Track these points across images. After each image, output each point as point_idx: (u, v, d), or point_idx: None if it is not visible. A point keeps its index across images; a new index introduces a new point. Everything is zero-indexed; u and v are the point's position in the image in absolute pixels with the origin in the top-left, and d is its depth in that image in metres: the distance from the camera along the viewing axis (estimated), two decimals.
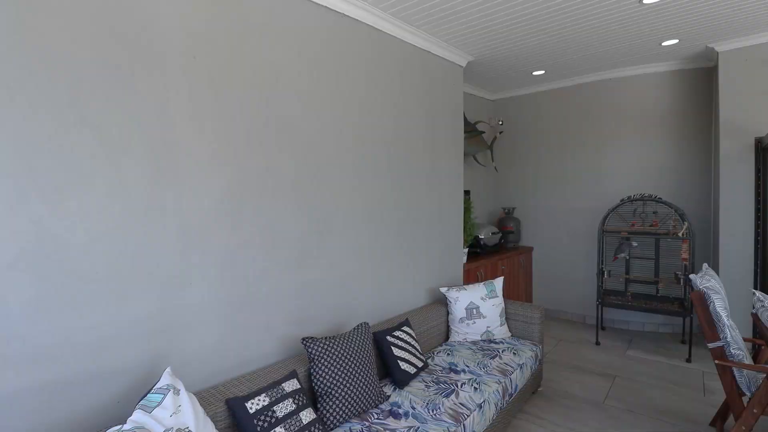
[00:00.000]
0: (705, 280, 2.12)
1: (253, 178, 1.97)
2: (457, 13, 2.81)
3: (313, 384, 1.84)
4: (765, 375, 1.91)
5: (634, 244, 3.73)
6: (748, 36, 3.45)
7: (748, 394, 2.02)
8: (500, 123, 5.12)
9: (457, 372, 2.32)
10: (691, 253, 3.51)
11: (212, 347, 1.81)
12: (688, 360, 3.38)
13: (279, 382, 1.66)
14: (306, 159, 2.23)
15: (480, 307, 2.88)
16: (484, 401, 2.05)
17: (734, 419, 2.02)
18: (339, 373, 1.85)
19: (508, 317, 2.99)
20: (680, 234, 3.50)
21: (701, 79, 4.09)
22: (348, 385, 1.84)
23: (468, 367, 2.38)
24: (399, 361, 2.22)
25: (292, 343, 2.17)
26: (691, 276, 2.17)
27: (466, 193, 4.41)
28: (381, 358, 2.28)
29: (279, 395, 1.59)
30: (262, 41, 2.01)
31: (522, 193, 5.02)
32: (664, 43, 3.62)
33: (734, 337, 2.04)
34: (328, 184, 2.36)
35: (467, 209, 3.79)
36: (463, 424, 1.84)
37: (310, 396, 1.90)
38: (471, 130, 4.37)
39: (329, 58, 2.37)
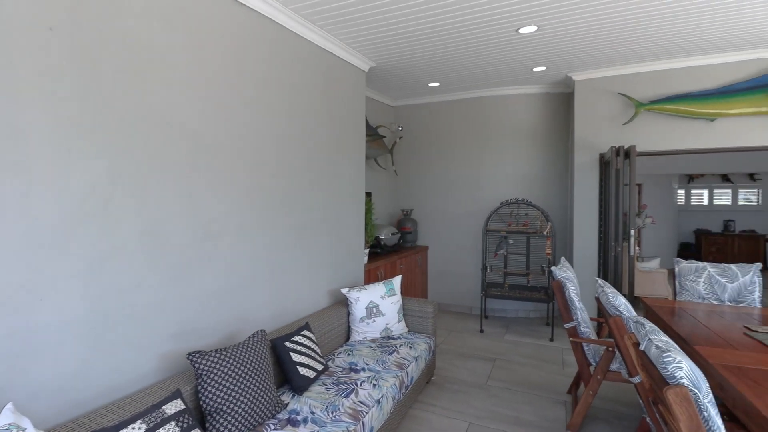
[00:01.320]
0: (562, 271, 2.52)
1: (127, 174, 1.72)
2: (355, 18, 2.85)
3: (201, 402, 1.68)
4: (605, 347, 2.35)
5: (511, 241, 4.25)
6: (597, 69, 4.20)
7: (593, 364, 2.46)
8: (400, 129, 5.36)
9: (357, 371, 2.35)
10: (553, 248, 4.14)
11: (72, 373, 1.53)
12: (551, 339, 3.99)
13: (159, 405, 1.47)
14: (195, 156, 2.03)
15: (380, 305, 2.97)
16: (382, 396, 2.11)
17: (584, 386, 2.43)
18: (231, 386, 1.72)
19: (405, 313, 3.14)
20: (545, 232, 4.10)
21: (562, 102, 4.86)
22: (241, 398, 1.73)
23: (368, 365, 2.44)
24: (298, 367, 2.17)
25: (177, 359, 1.95)
26: (553, 268, 2.57)
27: (368, 195, 4.52)
28: (280, 366, 2.20)
29: (159, 419, 1.42)
30: (141, 20, 1.77)
31: (419, 196, 5.33)
32: (534, 69, 4.20)
33: (583, 318, 2.46)
34: (221, 183, 2.18)
35: (368, 211, 3.88)
36: (362, 422, 1.88)
37: (198, 416, 1.73)
38: (372, 134, 4.49)
39: (223, 48, 2.19)
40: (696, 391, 1.08)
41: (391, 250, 4.41)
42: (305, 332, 2.39)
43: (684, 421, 1.07)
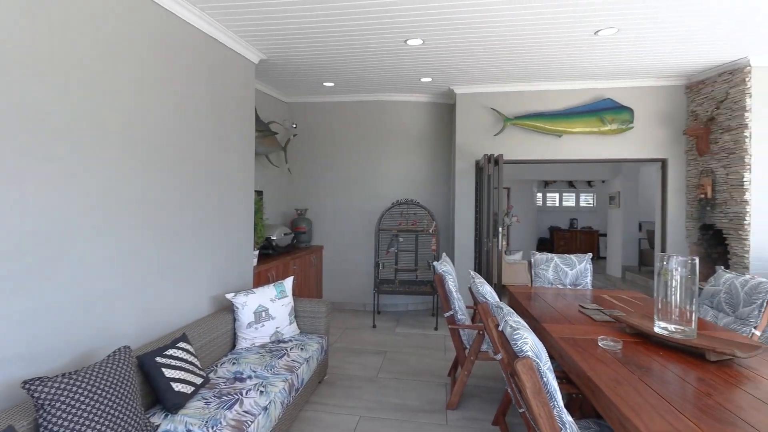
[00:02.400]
0: (443, 266, 2.76)
1: None
2: (245, 7, 2.70)
3: None
4: (477, 331, 2.64)
5: (401, 239, 4.50)
6: (474, 85, 4.69)
7: (468, 347, 2.75)
8: (294, 126, 5.23)
9: (242, 380, 2.23)
10: (438, 245, 4.50)
11: None
12: (436, 328, 4.34)
13: None
14: (44, 144, 1.67)
15: (269, 309, 2.86)
16: (270, 402, 2.04)
17: (461, 368, 2.70)
18: (83, 416, 1.47)
19: (297, 315, 3.08)
20: (431, 231, 4.44)
21: (447, 112, 5.31)
22: (97, 428, 1.49)
23: (255, 372, 2.33)
24: (172, 383, 1.96)
25: (11, 391, 1.59)
26: (434, 263, 2.80)
27: (259, 193, 4.31)
28: (150, 384, 1.95)
29: None
30: None
31: (314, 195, 5.28)
32: (422, 79, 4.51)
33: (460, 307, 2.73)
34: (74, 177, 1.84)
35: (258, 210, 3.70)
36: None
37: None
38: (264, 130, 4.29)
39: (89, 26, 1.85)
40: (538, 361, 1.29)
41: (284, 251, 4.28)
42: (182, 344, 2.17)
43: (529, 387, 1.28)
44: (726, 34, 3.21)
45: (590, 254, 3.46)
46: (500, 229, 4.00)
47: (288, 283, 3.05)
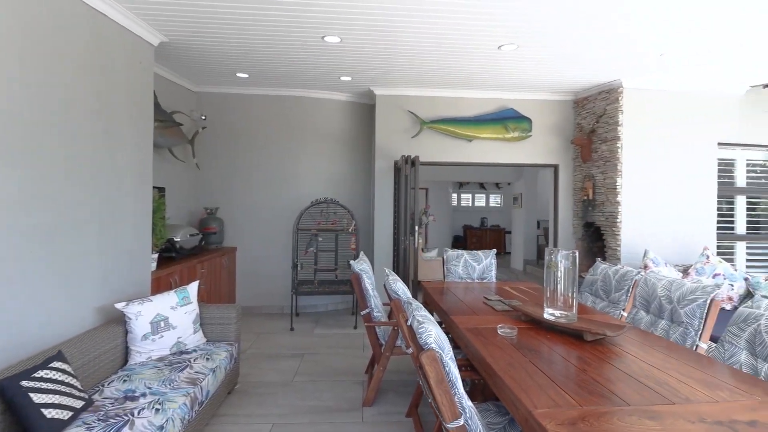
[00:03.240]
0: (359, 265, 2.77)
1: None
2: None
3: None
4: (392, 328, 2.70)
5: (320, 239, 4.43)
6: (393, 87, 4.79)
7: (383, 342, 2.80)
8: (203, 117, 4.84)
9: (134, 398, 1.99)
10: (357, 244, 4.52)
11: None
12: (355, 327, 4.36)
13: None
14: None
15: (169, 318, 2.60)
16: (167, 420, 1.85)
17: (374, 363, 2.74)
18: None
19: (203, 322, 2.85)
20: (350, 230, 4.44)
21: (367, 112, 5.36)
22: None
23: (150, 388, 2.09)
24: (44, 410, 1.67)
25: None
26: (351, 262, 2.80)
27: (160, 190, 3.90)
28: (14, 413, 1.64)
29: None
30: None
31: (227, 193, 4.94)
32: (342, 78, 4.49)
33: (376, 304, 2.77)
34: None
35: (158, 209, 3.35)
36: None
37: None
38: (166, 120, 3.90)
39: None
40: (441, 352, 1.35)
41: (190, 254, 3.93)
42: (56, 364, 1.87)
43: (433, 377, 1.33)
44: (604, 60, 3.72)
45: (495, 250, 3.76)
46: (417, 227, 4.15)
47: (192, 288, 2.81)
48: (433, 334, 1.36)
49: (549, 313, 2.13)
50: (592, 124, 4.68)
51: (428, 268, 5.84)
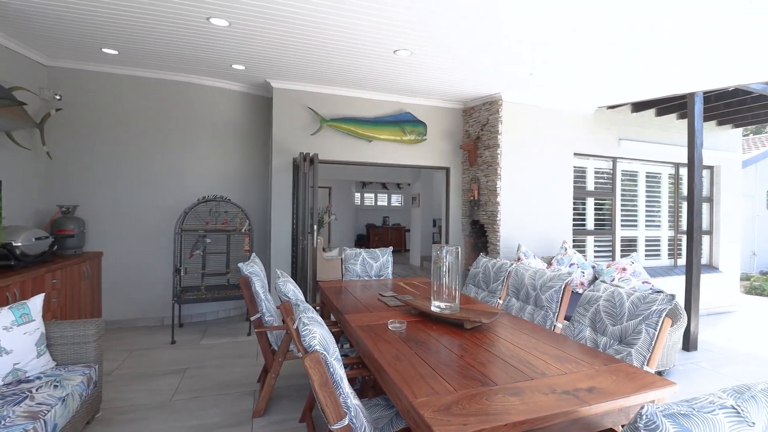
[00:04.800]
0: (249, 267, 2.59)
1: None
2: None
3: None
4: (285, 332, 2.58)
5: (208, 240, 4.05)
6: (292, 82, 4.61)
7: (276, 348, 2.66)
8: (57, 97, 4.05)
9: None
10: (251, 245, 4.25)
11: None
12: (249, 334, 4.09)
13: None
14: None
15: (2, 340, 2.10)
16: None
17: (267, 370, 2.59)
18: None
19: (52, 343, 2.37)
20: (243, 230, 4.16)
21: (264, 105, 5.07)
22: None
23: None
24: None
25: None
26: (239, 264, 2.60)
27: None
28: None
29: None
30: None
31: (90, 189, 4.21)
32: (234, 66, 4.16)
33: (268, 308, 2.62)
34: None
35: None
36: None
37: None
38: (3, 97, 3.17)
39: None
40: (326, 353, 1.32)
41: (38, 261, 3.26)
42: None
43: (317, 380, 1.29)
44: (487, 74, 4.10)
45: (391, 248, 3.88)
46: (315, 227, 4.07)
47: (35, 302, 2.31)
48: (317, 335, 1.32)
49: (435, 306, 2.26)
50: (478, 131, 5.14)
51: (330, 268, 5.78)
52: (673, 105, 5.44)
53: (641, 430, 0.77)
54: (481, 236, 5.22)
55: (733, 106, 5.27)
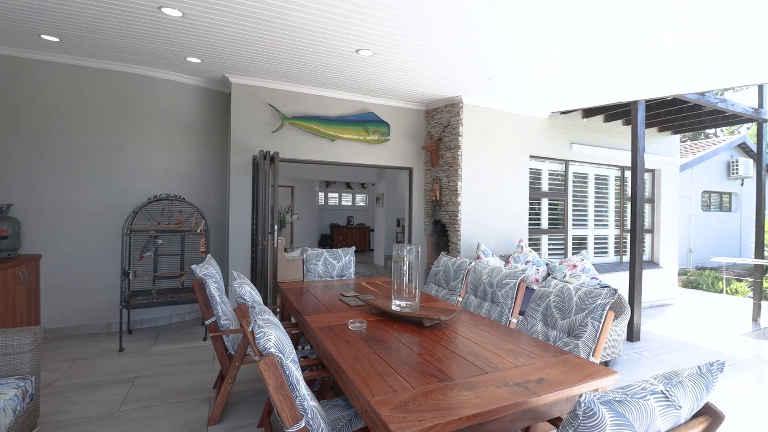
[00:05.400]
0: (204, 269, 2.49)
1: None
2: None
3: None
4: (242, 335, 2.50)
5: (160, 241, 3.85)
6: (252, 77, 4.47)
7: (233, 352, 2.58)
8: None
9: None
10: (207, 246, 4.09)
11: None
12: (205, 338, 3.93)
13: None
14: None
15: None
16: None
17: (223, 375, 2.50)
18: None
19: None
20: (199, 230, 3.99)
21: (223, 101, 4.89)
22: None
23: None
24: None
25: None
26: (193, 266, 2.50)
27: None
28: None
29: None
30: None
31: (26, 187, 3.88)
32: (189, 59, 3.98)
33: (224, 311, 2.53)
34: None
35: None
36: None
37: None
38: None
39: None
40: (281, 356, 1.29)
41: None
42: None
43: (272, 383, 1.26)
44: (448, 78, 4.19)
45: (354, 248, 3.87)
46: (276, 227, 3.98)
47: None
48: (272, 338, 1.29)
49: (396, 305, 2.27)
50: (440, 133, 5.24)
51: (292, 269, 5.68)
52: (620, 112, 5.81)
53: (580, 417, 0.81)
54: (443, 235, 5.32)
55: (671, 114, 5.71)
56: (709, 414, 1.05)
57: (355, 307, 2.54)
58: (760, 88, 5.89)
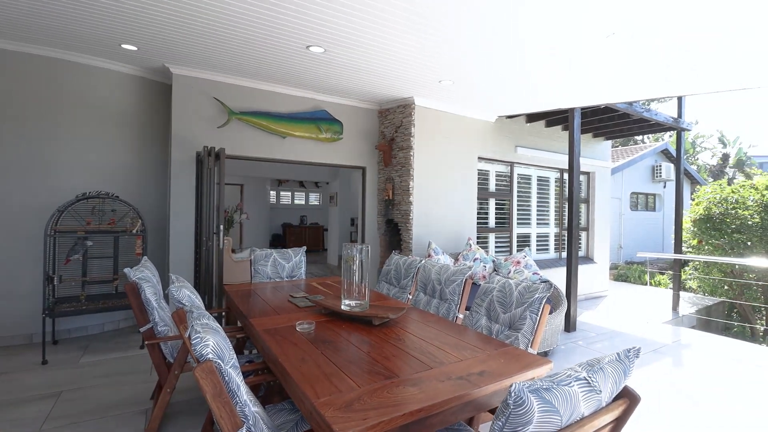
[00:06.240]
0: (139, 272, 2.32)
1: None
2: None
3: None
4: (182, 342, 2.36)
5: (90, 243, 3.54)
6: (196, 69, 4.23)
7: (172, 360, 2.43)
8: None
9: None
10: (144, 247, 3.82)
11: None
12: (142, 347, 3.67)
13: None
14: None
15: None
16: None
17: (162, 385, 2.35)
18: None
19: None
20: (135, 231, 3.72)
21: (163, 93, 4.58)
22: None
23: None
24: None
25: None
26: (125, 270, 2.32)
27: None
28: None
29: None
30: None
31: None
32: (124, 45, 3.70)
33: (162, 317, 2.38)
34: None
35: None
36: None
37: None
38: None
39: None
40: (220, 361, 1.24)
41: None
42: None
43: (209, 391, 1.20)
44: (401, 79, 4.24)
45: (305, 247, 3.80)
46: (222, 226, 3.80)
47: None
48: (210, 343, 1.23)
49: (346, 304, 2.26)
50: (392, 133, 5.29)
51: (241, 270, 5.46)
52: (559, 118, 6.21)
53: (511, 406, 0.86)
54: (395, 235, 5.38)
55: (604, 122, 6.20)
56: (628, 396, 1.15)
57: (304, 308, 2.49)
58: (680, 99, 6.56)
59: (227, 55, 3.79)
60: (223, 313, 3.10)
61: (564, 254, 7.00)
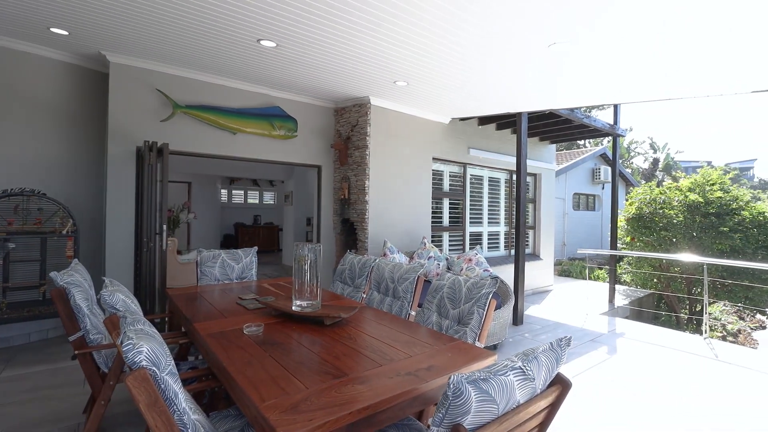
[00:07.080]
0: (68, 276, 2.14)
1: None
2: None
3: None
4: (117, 350, 2.20)
5: (11, 245, 3.21)
6: (137, 58, 3.95)
7: (106, 370, 2.26)
8: None
9: None
10: (76, 250, 3.52)
11: None
12: (74, 357, 3.37)
13: None
14: None
15: None
16: None
17: (95, 397, 2.18)
18: None
19: None
20: (65, 232, 3.42)
21: (99, 82, 4.24)
22: None
23: None
24: None
25: None
26: (52, 274, 2.13)
27: None
28: None
29: None
30: None
31: None
32: (53, 29, 3.39)
33: (95, 324, 2.21)
34: None
35: None
36: None
37: None
38: None
39: None
40: (155, 368, 1.17)
41: None
42: None
43: (143, 400, 1.13)
44: (356, 78, 4.22)
45: (256, 248, 3.68)
46: (165, 227, 3.59)
47: None
48: (144, 350, 1.16)
49: (297, 305, 2.22)
50: (348, 131, 5.26)
51: (187, 272, 5.19)
52: (509, 122, 6.49)
53: (450, 397, 0.88)
54: (351, 234, 5.36)
55: (549, 126, 6.56)
56: (560, 383, 1.22)
57: (254, 310, 2.42)
58: (616, 107, 7.09)
59: (171, 45, 3.59)
60: (166, 318, 2.93)
61: (513, 251, 7.33)
